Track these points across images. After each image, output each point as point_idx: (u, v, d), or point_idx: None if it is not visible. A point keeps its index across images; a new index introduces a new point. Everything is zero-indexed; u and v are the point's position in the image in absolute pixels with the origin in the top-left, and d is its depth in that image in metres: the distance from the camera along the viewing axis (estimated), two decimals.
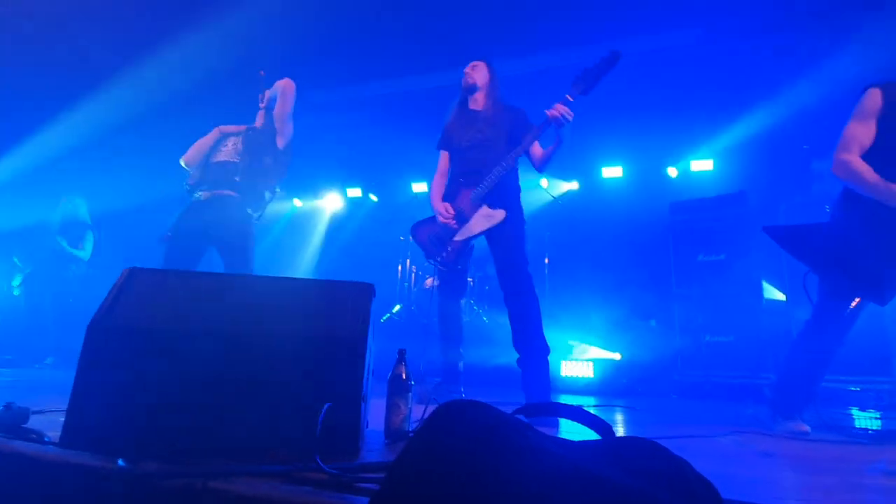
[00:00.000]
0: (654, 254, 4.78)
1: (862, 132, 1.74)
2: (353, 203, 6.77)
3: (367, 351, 1.14)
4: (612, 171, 5.75)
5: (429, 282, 4.94)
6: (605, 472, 0.47)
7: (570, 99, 2.16)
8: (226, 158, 2.55)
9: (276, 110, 2.66)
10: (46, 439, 1.06)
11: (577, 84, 2.18)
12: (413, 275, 5.09)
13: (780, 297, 3.84)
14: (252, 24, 4.35)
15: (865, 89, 1.81)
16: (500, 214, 2.28)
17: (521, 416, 0.70)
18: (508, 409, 1.98)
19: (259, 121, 2.75)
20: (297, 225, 6.72)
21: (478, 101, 2.51)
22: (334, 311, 1.13)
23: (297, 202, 6.79)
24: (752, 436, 1.77)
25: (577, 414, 0.63)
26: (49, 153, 4.62)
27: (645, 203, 5.30)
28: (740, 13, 4.32)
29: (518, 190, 2.46)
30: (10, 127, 4.41)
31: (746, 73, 4.76)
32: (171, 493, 0.79)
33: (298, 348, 1.08)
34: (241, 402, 1.05)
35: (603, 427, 0.62)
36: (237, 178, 2.50)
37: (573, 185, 5.99)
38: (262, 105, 2.71)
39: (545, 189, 5.18)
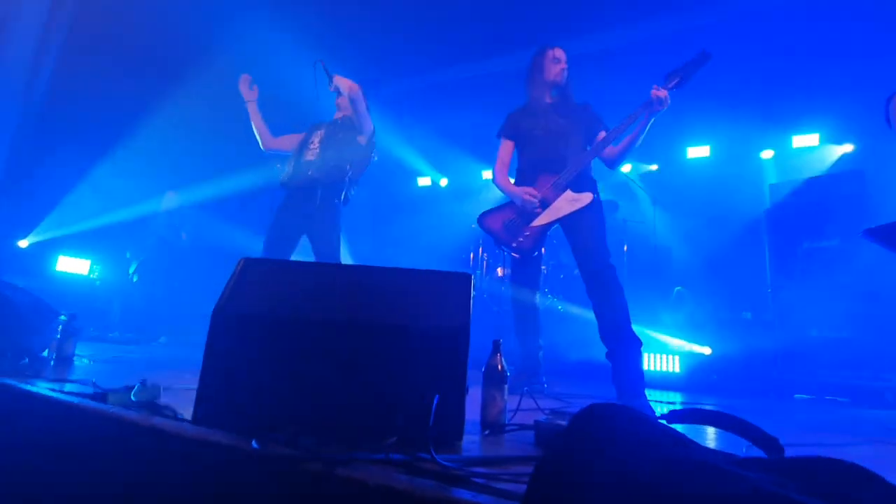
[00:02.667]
0: (748, 240, 4.39)
1: None
2: (423, 191, 6.85)
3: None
4: (699, 151, 5.32)
5: (501, 271, 4.89)
6: (803, 500, 0.41)
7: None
8: (309, 158, 2.75)
9: (349, 111, 2.78)
10: (179, 416, 1.16)
11: (671, 78, 2.13)
12: (485, 263, 5.07)
13: None
14: (322, 22, 4.49)
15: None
16: (586, 198, 2.22)
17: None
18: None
19: (338, 111, 2.88)
20: (370, 213, 6.93)
21: (554, 95, 2.47)
22: (437, 301, 1.12)
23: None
24: (891, 446, 1.56)
25: (740, 426, 0.57)
26: (148, 153, 5.09)
27: (737, 185, 4.85)
28: None
29: (595, 181, 2.40)
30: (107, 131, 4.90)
31: (860, 31, 4.13)
32: (296, 474, 0.83)
33: (403, 337, 1.09)
34: (350, 388, 1.08)
35: (771, 443, 0.55)
36: (314, 173, 2.69)
37: (653, 167, 5.63)
38: (331, 89, 2.81)
39: (624, 172, 4.91)
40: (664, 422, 0.61)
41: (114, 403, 1.23)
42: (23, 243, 4.44)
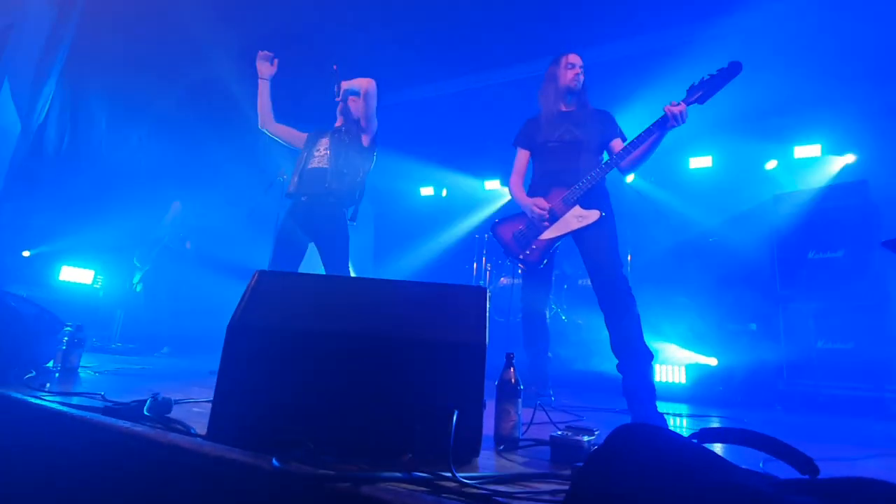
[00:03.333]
0: (752, 250, 4.39)
1: None
2: (426, 201, 6.86)
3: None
4: (702, 161, 5.34)
5: (504, 280, 4.88)
6: None
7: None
8: (318, 165, 2.72)
9: (361, 110, 2.76)
10: (193, 431, 1.15)
11: (693, 92, 2.09)
12: (488, 273, 5.06)
13: None
14: (329, 30, 4.53)
15: None
16: (593, 215, 2.22)
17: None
18: (601, 416, 1.86)
19: (339, 118, 2.87)
20: (373, 224, 6.93)
21: (570, 102, 2.45)
22: (453, 314, 1.12)
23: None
24: None
25: (773, 445, 0.56)
26: (157, 166, 5.12)
27: (740, 195, 4.87)
28: None
29: (608, 193, 2.39)
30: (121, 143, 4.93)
31: (863, 43, 4.17)
32: (319, 493, 0.82)
33: (419, 351, 1.08)
34: (365, 403, 1.07)
35: (806, 463, 0.55)
36: (330, 183, 2.65)
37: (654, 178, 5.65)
38: (338, 99, 2.79)
39: (627, 182, 4.93)
40: (695, 440, 0.60)
41: (126, 418, 1.22)
42: (26, 253, 4.44)
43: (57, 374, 2.17)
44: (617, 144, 2.34)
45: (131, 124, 4.90)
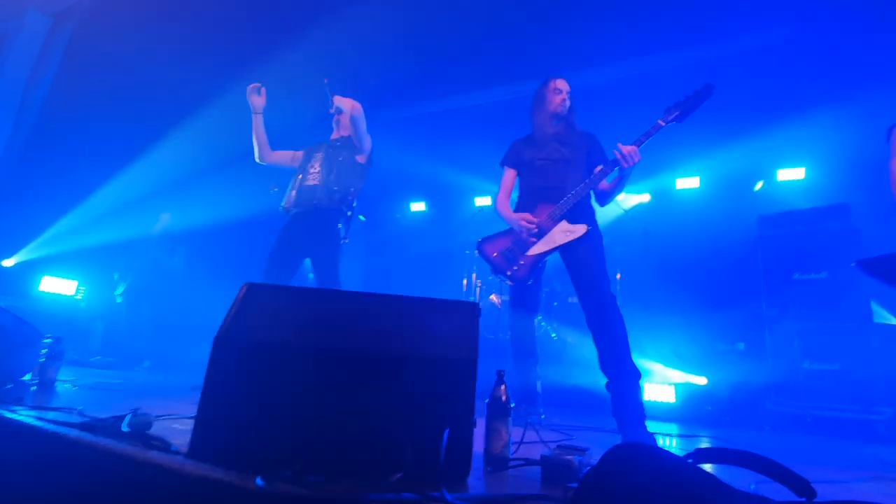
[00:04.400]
0: (739, 271, 4.45)
1: None
2: (416, 217, 6.87)
3: None
4: (688, 182, 5.44)
5: (494, 297, 4.87)
6: None
7: (662, 124, 2.16)
8: (311, 182, 2.76)
9: (348, 129, 2.81)
10: (173, 448, 1.11)
11: (671, 111, 2.18)
12: (478, 289, 5.05)
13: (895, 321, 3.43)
14: (327, 50, 4.58)
15: (891, 129, 2.04)
16: (580, 229, 2.23)
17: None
18: (592, 435, 1.84)
19: (335, 131, 2.89)
20: (362, 239, 6.90)
21: (558, 124, 2.50)
22: (444, 330, 1.11)
23: (361, 216, 6.97)
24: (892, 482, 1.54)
25: (769, 466, 0.56)
26: (143, 180, 5.07)
27: (726, 216, 4.95)
28: (839, 6, 3.94)
29: (593, 211, 2.42)
30: (108, 157, 4.89)
31: (845, 69, 4.32)
32: None
33: (410, 367, 1.06)
34: (354, 421, 1.05)
35: (802, 485, 0.54)
36: (320, 199, 2.69)
37: (644, 198, 5.73)
38: (331, 111, 2.81)
39: (617, 202, 4.98)
40: (690, 461, 0.59)
41: (104, 434, 1.18)
42: (7, 262, 4.33)
43: (33, 388, 2.10)
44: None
45: (122, 133, 4.87)
